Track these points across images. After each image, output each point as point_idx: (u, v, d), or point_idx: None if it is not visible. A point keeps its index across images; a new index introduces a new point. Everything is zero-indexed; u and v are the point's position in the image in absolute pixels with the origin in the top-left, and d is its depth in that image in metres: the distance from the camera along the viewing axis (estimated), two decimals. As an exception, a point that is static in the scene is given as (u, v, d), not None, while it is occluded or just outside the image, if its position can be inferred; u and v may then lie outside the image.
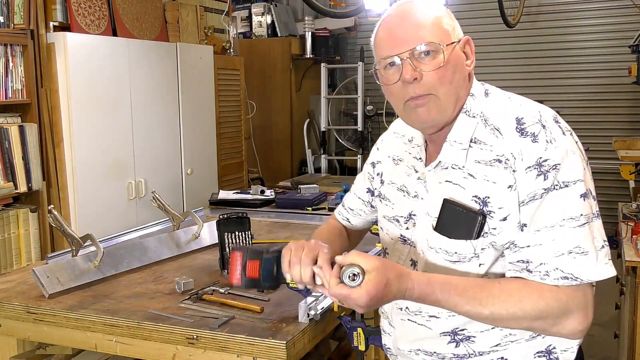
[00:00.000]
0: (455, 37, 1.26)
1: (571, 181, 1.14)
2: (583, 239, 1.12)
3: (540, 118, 1.19)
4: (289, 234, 2.80)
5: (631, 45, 3.85)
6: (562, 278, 1.12)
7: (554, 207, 1.13)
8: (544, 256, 1.13)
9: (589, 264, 1.12)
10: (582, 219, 1.13)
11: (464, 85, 1.26)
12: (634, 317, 2.52)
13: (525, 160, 1.15)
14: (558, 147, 1.16)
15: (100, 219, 3.41)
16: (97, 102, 3.42)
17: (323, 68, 6.07)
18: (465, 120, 1.25)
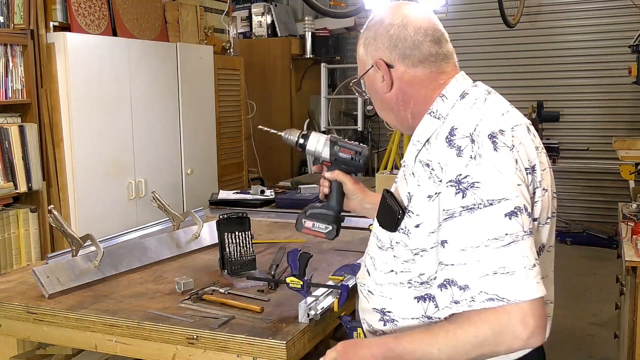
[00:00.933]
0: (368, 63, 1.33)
1: (495, 199, 1.10)
2: (509, 259, 1.08)
3: (473, 131, 1.16)
4: (289, 234, 2.80)
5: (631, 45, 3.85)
6: (488, 300, 1.09)
7: (479, 226, 1.11)
8: (468, 277, 1.11)
9: (515, 283, 1.07)
10: (508, 238, 1.09)
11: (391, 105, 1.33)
12: (634, 317, 2.52)
13: (447, 173, 1.15)
14: (481, 164, 1.13)
15: (100, 219, 3.41)
16: (97, 102, 3.42)
17: (323, 68, 6.08)
18: (428, 122, 1.28)
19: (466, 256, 1.11)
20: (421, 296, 1.26)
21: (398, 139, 5.17)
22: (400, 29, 1.28)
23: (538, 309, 1.08)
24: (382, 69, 1.30)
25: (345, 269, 2.01)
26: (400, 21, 1.28)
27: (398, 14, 1.30)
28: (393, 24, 1.28)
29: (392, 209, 1.26)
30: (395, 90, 1.31)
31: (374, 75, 1.32)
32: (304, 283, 1.80)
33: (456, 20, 6.32)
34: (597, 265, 5.46)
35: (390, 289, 1.30)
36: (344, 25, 6.59)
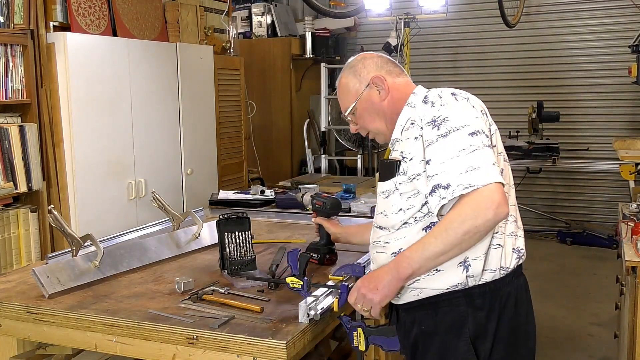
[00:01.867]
0: (362, 86, 1.79)
1: (460, 126, 1.58)
2: (474, 160, 1.53)
3: (440, 93, 1.68)
4: (289, 234, 2.80)
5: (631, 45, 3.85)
6: (464, 188, 1.52)
7: (452, 144, 1.56)
8: (449, 178, 1.54)
9: (481, 174, 1.52)
10: (471, 148, 1.55)
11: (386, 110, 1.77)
12: (634, 317, 2.52)
13: (426, 118, 1.64)
14: (448, 107, 1.62)
15: (100, 219, 3.42)
16: (97, 102, 3.42)
17: (323, 68, 6.08)
18: (406, 110, 1.74)
19: (445, 165, 1.55)
20: (427, 226, 1.64)
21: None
22: (378, 58, 1.83)
23: (499, 189, 1.52)
24: (379, 81, 1.77)
25: (345, 269, 2.01)
26: (376, 55, 1.84)
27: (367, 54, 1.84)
28: (372, 57, 1.83)
29: (391, 163, 1.69)
30: (389, 97, 1.77)
31: (369, 94, 1.78)
32: (304, 283, 1.80)
33: (456, 20, 6.32)
34: (597, 265, 5.46)
35: (402, 231, 1.68)
36: (344, 25, 6.59)
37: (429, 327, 1.66)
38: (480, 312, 1.61)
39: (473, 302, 1.61)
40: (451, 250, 1.56)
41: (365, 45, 6.35)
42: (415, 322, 1.69)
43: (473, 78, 6.49)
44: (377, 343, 1.73)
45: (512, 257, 1.66)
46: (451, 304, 1.62)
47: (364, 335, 1.72)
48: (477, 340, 1.62)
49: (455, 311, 1.62)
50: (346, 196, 3.38)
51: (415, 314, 1.69)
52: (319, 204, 2.31)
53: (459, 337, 1.62)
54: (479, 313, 1.61)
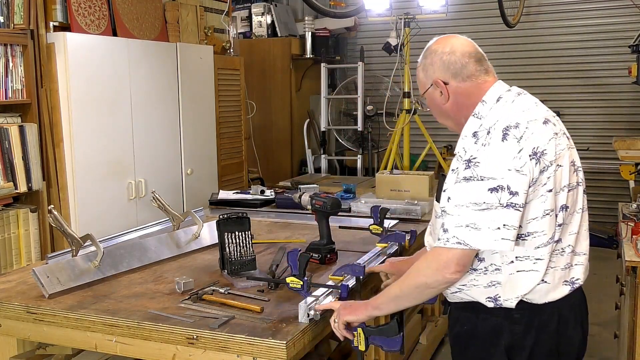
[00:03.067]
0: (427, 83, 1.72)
1: (485, 177, 1.52)
2: (479, 219, 1.51)
3: (492, 125, 1.58)
4: (289, 234, 2.81)
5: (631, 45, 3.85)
6: (457, 242, 1.53)
7: (468, 192, 1.53)
8: (451, 224, 1.55)
9: (477, 236, 1.52)
10: (484, 205, 1.51)
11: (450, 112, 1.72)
12: (634, 317, 2.52)
13: (466, 154, 1.58)
14: (486, 150, 1.54)
15: (100, 219, 3.41)
16: (97, 102, 3.42)
17: (323, 68, 6.07)
18: (472, 121, 1.66)
19: (455, 210, 1.55)
20: None
21: (398, 139, 5.17)
22: (449, 55, 1.69)
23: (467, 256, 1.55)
24: (440, 86, 1.70)
25: (345, 269, 2.01)
26: (449, 49, 1.69)
27: (447, 43, 1.70)
28: (444, 52, 1.69)
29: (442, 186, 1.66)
30: (451, 101, 1.70)
31: (433, 92, 1.72)
32: (304, 283, 1.80)
33: (456, 20, 6.32)
34: (597, 265, 5.45)
35: None
36: (344, 25, 6.58)
37: (470, 329, 1.69)
38: (517, 326, 1.62)
39: (510, 315, 1.62)
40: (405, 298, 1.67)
41: (366, 45, 6.35)
42: (459, 320, 1.74)
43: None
44: (377, 343, 1.73)
45: (561, 290, 1.64)
46: (490, 313, 1.64)
47: (364, 335, 1.72)
48: (513, 351, 1.63)
49: (493, 320, 1.64)
50: (346, 196, 3.39)
51: (460, 313, 1.73)
52: (319, 204, 2.32)
53: (495, 345, 1.64)
54: (516, 327, 1.62)
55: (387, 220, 2.59)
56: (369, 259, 2.25)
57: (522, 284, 1.59)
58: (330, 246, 2.33)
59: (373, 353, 2.37)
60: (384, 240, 2.44)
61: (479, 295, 1.63)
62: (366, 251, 2.37)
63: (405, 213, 3.03)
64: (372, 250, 2.38)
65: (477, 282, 1.63)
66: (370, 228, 2.51)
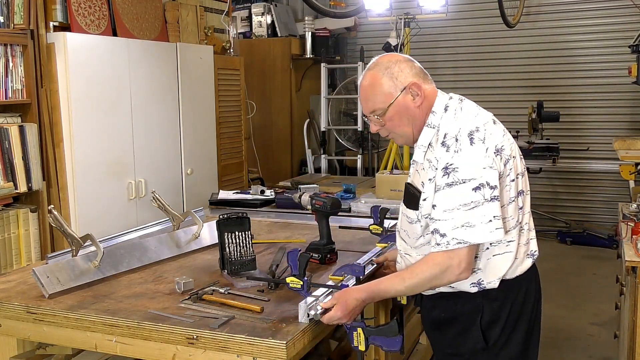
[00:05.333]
0: (398, 90, 1.78)
1: (467, 179, 1.66)
2: (471, 217, 1.65)
3: (457, 133, 1.71)
4: (289, 234, 2.81)
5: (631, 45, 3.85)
6: (458, 243, 1.66)
7: (455, 196, 1.67)
8: (446, 228, 1.67)
9: (474, 232, 1.66)
10: (472, 204, 1.65)
11: (417, 116, 1.80)
12: (634, 317, 2.52)
13: (440, 163, 1.70)
14: (460, 155, 1.68)
15: (100, 219, 3.41)
16: (97, 102, 3.42)
17: (323, 68, 6.07)
18: (427, 131, 1.80)
19: (446, 215, 1.68)
20: None
21: (398, 139, 5.17)
22: (411, 62, 1.83)
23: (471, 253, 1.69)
24: (416, 88, 1.77)
25: (345, 269, 2.01)
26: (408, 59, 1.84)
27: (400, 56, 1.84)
28: (407, 59, 1.83)
29: (414, 194, 1.79)
30: (422, 103, 1.79)
31: (404, 97, 1.78)
32: (304, 283, 1.80)
33: (456, 20, 6.32)
34: (597, 265, 5.45)
35: (421, 249, 1.82)
36: (344, 25, 6.59)
37: (448, 314, 1.83)
38: (495, 302, 1.78)
39: (488, 294, 1.78)
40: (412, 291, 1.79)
41: (366, 45, 6.35)
42: (435, 307, 1.86)
43: (473, 78, 6.49)
44: (377, 343, 1.73)
45: (525, 263, 1.82)
46: (468, 297, 1.79)
47: (364, 335, 1.72)
48: (489, 326, 1.79)
49: (472, 302, 1.79)
50: (346, 196, 3.39)
51: (436, 300, 1.85)
52: (319, 203, 2.33)
53: (473, 323, 1.79)
54: (494, 303, 1.78)
55: (387, 220, 2.58)
56: (369, 259, 2.25)
57: (500, 265, 1.75)
58: (330, 246, 2.34)
59: (373, 353, 2.37)
60: (384, 240, 2.44)
61: (462, 284, 1.76)
62: (366, 251, 2.37)
63: (405, 213, 3.03)
64: (372, 250, 2.38)
65: None
66: (370, 228, 2.51)
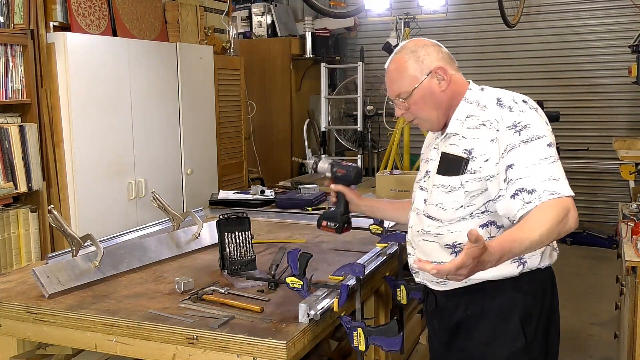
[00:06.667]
0: (423, 74, 1.76)
1: (540, 135, 1.65)
2: (555, 170, 1.62)
3: (513, 98, 1.72)
4: (289, 234, 2.81)
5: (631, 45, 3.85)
6: (550, 195, 1.58)
7: (534, 151, 1.63)
8: (534, 182, 1.59)
9: (562, 185, 1.61)
10: (551, 158, 1.63)
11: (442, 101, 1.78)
12: (634, 317, 2.52)
13: (504, 123, 1.67)
14: (526, 115, 1.67)
15: (100, 219, 3.41)
16: (97, 102, 3.42)
17: (323, 68, 6.07)
18: (464, 105, 1.78)
19: (529, 171, 1.61)
20: (484, 223, 1.71)
21: (398, 139, 5.17)
22: (439, 47, 1.82)
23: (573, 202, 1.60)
24: (442, 72, 1.76)
25: (345, 269, 2.01)
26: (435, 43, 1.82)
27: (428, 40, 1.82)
28: (434, 45, 1.81)
29: (457, 159, 1.72)
30: (448, 89, 1.77)
31: (429, 82, 1.76)
32: (304, 283, 1.80)
33: (456, 20, 6.32)
34: (597, 265, 5.45)
35: (458, 224, 1.73)
36: (344, 25, 6.59)
37: (475, 312, 1.74)
38: (528, 296, 1.72)
39: (521, 287, 1.71)
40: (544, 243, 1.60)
41: (366, 45, 6.35)
42: (459, 307, 1.77)
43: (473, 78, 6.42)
44: (377, 343, 1.73)
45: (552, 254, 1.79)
46: (498, 290, 1.71)
47: (364, 335, 1.72)
48: (525, 322, 1.72)
49: (504, 296, 1.71)
50: (346, 196, 3.38)
51: (460, 299, 1.76)
52: (342, 172, 2.18)
53: (508, 320, 1.71)
54: (527, 298, 1.72)
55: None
56: (369, 259, 2.25)
57: None
58: (347, 216, 2.19)
59: (373, 353, 2.37)
60: (384, 240, 2.44)
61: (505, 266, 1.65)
62: (366, 251, 2.37)
63: (405, 213, 3.03)
64: (372, 250, 2.38)
65: None
66: (370, 228, 2.51)
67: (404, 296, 2.16)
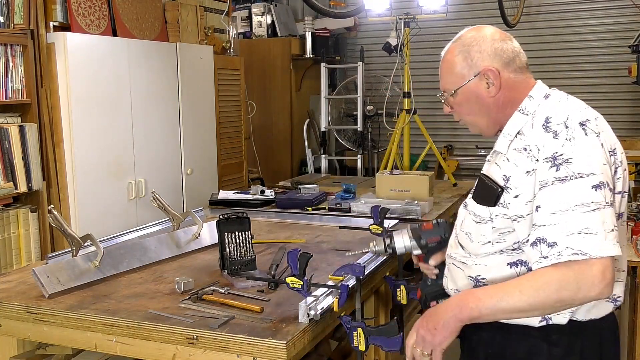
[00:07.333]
0: (471, 74, 1.54)
1: (585, 173, 1.33)
2: (592, 222, 1.29)
3: (566, 120, 1.41)
4: (289, 234, 2.80)
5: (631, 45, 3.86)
6: (573, 254, 1.29)
7: (570, 194, 1.32)
8: (557, 235, 1.31)
9: (597, 242, 1.28)
10: (593, 205, 1.30)
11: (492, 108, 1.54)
12: (634, 317, 2.52)
13: (544, 152, 1.38)
14: (574, 144, 1.36)
15: (100, 219, 3.41)
16: (97, 102, 3.42)
17: (323, 68, 6.07)
18: (518, 117, 1.51)
19: (556, 218, 1.32)
20: (514, 262, 1.47)
21: (398, 139, 5.17)
22: (501, 43, 1.54)
23: (612, 266, 1.30)
24: (492, 75, 1.52)
25: (345, 269, 2.01)
26: (499, 37, 1.55)
27: (492, 31, 1.56)
28: (495, 39, 1.54)
29: (492, 187, 1.48)
30: (499, 95, 1.53)
31: (477, 83, 1.54)
32: (304, 283, 1.80)
33: (456, 20, 6.32)
34: (597, 265, 5.44)
35: (484, 259, 1.51)
36: (344, 25, 6.58)
37: (496, 353, 1.52)
38: (556, 348, 1.44)
39: (549, 336, 1.44)
40: (532, 312, 1.38)
41: (366, 45, 6.35)
42: (481, 343, 1.55)
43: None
44: (377, 343, 1.73)
45: (605, 307, 1.47)
46: (524, 333, 1.46)
47: (364, 335, 1.72)
48: None
49: (528, 342, 1.46)
50: (346, 196, 3.39)
51: (482, 333, 1.53)
52: (435, 239, 1.79)
53: None
54: (555, 349, 1.44)
55: (387, 220, 2.58)
56: (369, 259, 2.25)
57: None
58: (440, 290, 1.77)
59: (373, 353, 2.37)
60: (384, 240, 2.43)
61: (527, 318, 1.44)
62: (367, 251, 2.37)
63: (405, 213, 3.03)
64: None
65: None
66: (370, 228, 2.51)
67: (404, 296, 2.16)
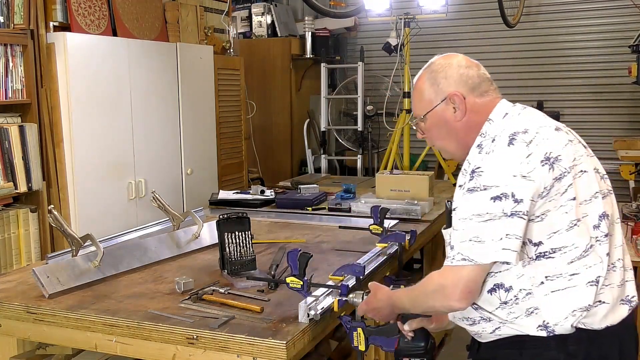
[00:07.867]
0: (438, 99, 1.59)
1: (488, 185, 1.40)
2: (483, 231, 1.39)
3: (498, 134, 1.47)
4: (289, 234, 2.81)
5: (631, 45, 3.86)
6: (462, 259, 1.41)
7: (471, 204, 1.42)
8: (455, 240, 1.43)
9: (480, 250, 1.39)
10: (487, 216, 1.39)
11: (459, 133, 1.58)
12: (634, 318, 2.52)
13: (471, 167, 1.46)
14: (490, 157, 1.44)
15: (100, 219, 3.41)
16: (97, 102, 3.42)
17: (323, 68, 6.07)
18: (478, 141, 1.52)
19: (459, 225, 1.43)
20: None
21: (398, 139, 5.17)
22: (467, 69, 1.59)
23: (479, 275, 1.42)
24: (458, 100, 1.56)
25: (345, 269, 2.01)
26: (465, 64, 1.60)
27: (459, 59, 1.61)
28: (461, 65, 1.59)
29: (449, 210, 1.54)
30: (465, 119, 1.57)
31: (444, 108, 1.58)
32: (304, 283, 1.80)
33: (456, 20, 6.32)
34: (597, 265, 5.44)
35: None
36: (344, 25, 6.58)
37: None
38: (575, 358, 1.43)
39: (566, 347, 1.43)
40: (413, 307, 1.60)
41: (366, 45, 6.35)
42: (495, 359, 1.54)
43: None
44: (377, 343, 1.73)
45: (620, 311, 1.47)
46: (539, 347, 1.44)
47: (364, 335, 1.72)
48: None
49: (545, 356, 1.44)
50: (346, 196, 3.39)
51: (497, 351, 1.52)
52: None
53: None
54: None
55: (387, 220, 2.58)
56: (369, 259, 2.25)
57: (566, 304, 1.41)
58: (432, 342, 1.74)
59: (373, 353, 2.37)
60: (384, 240, 2.44)
61: (527, 327, 1.44)
62: (366, 251, 2.37)
63: (405, 213, 3.03)
64: (372, 250, 2.38)
65: (516, 314, 1.45)
66: (370, 228, 2.51)
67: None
